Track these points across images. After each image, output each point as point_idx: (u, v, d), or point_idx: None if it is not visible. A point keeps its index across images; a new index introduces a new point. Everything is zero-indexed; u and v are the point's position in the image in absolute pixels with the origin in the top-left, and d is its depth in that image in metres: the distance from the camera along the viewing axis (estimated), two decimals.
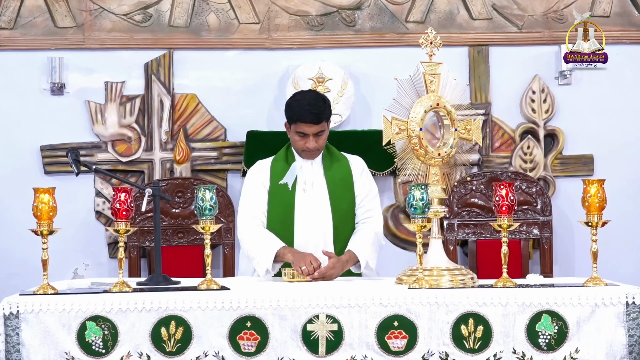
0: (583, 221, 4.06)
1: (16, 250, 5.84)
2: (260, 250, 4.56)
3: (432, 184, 4.26)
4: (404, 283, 4.14)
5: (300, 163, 4.72)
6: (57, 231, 4.01)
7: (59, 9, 6.00)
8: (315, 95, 4.72)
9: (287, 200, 4.67)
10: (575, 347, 3.88)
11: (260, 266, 4.55)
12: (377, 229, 4.70)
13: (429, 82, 4.29)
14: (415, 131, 4.22)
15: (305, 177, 4.71)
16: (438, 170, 4.29)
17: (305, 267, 4.38)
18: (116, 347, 3.87)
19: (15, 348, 3.83)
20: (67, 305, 3.86)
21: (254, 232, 4.64)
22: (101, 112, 6.01)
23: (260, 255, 4.55)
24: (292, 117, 4.65)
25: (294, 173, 4.69)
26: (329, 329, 3.89)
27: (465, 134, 4.36)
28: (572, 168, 6.11)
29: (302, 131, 4.62)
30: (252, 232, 4.64)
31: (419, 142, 4.23)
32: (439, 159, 4.28)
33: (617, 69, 6.06)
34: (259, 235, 4.62)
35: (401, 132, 4.24)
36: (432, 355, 3.88)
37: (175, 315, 3.88)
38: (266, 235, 4.62)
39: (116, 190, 4.06)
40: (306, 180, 4.71)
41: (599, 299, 3.89)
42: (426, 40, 4.38)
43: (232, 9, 6.06)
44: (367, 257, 4.59)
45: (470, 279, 4.11)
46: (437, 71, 4.32)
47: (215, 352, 3.87)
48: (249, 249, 4.63)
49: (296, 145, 4.69)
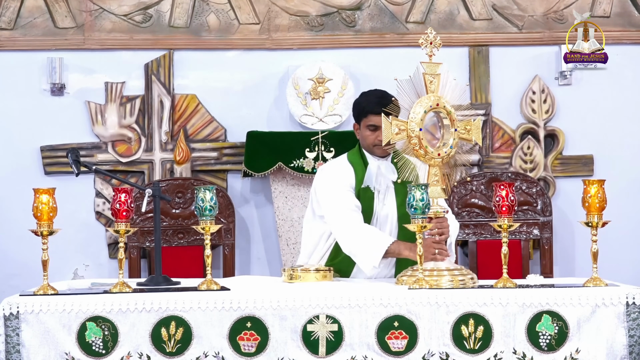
0: (583, 221, 4.06)
1: (16, 250, 5.84)
2: (366, 246, 4.38)
3: (432, 184, 4.25)
4: (404, 283, 4.13)
5: (376, 164, 4.62)
6: (57, 232, 4.01)
7: (59, 10, 6.00)
8: (383, 90, 4.66)
9: (369, 202, 4.58)
10: (576, 348, 3.88)
11: (366, 262, 4.37)
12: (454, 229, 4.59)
13: (429, 83, 4.29)
14: (415, 131, 4.22)
15: (381, 180, 4.62)
16: (438, 170, 4.28)
17: (438, 251, 4.22)
18: (116, 347, 3.87)
19: (16, 348, 3.83)
20: (67, 306, 3.86)
21: (358, 225, 4.46)
22: (101, 112, 6.01)
23: (366, 251, 4.38)
24: (361, 111, 4.54)
25: (373, 175, 4.58)
26: (329, 329, 3.89)
27: (465, 134, 4.35)
28: (572, 168, 6.11)
29: (373, 124, 4.50)
30: (355, 225, 4.45)
31: (419, 142, 4.22)
32: (438, 159, 4.27)
33: (617, 69, 6.06)
34: (364, 229, 4.45)
35: (401, 132, 4.23)
36: (433, 355, 3.88)
37: (175, 315, 3.88)
38: (374, 231, 4.46)
39: (116, 191, 4.06)
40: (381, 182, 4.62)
41: (599, 299, 3.89)
42: (426, 40, 4.38)
43: (232, 9, 6.07)
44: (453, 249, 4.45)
45: (470, 279, 4.11)
46: (436, 71, 4.31)
47: (216, 353, 3.87)
48: (355, 244, 4.43)
49: (367, 140, 4.57)
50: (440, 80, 4.30)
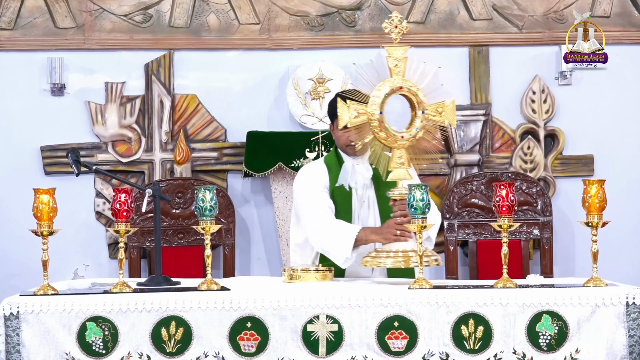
0: (583, 221, 4.06)
1: (16, 250, 5.84)
2: (335, 239, 4.41)
3: (397, 166, 4.25)
4: (369, 265, 4.19)
5: (351, 163, 4.66)
6: (57, 232, 4.01)
7: (59, 10, 6.00)
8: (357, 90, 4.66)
9: (346, 202, 4.59)
10: (576, 348, 3.88)
11: (338, 256, 4.39)
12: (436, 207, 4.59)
13: (394, 66, 4.28)
14: (375, 114, 4.22)
15: (357, 178, 4.63)
16: (403, 152, 4.27)
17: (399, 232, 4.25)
18: (116, 347, 3.87)
19: (16, 349, 3.83)
20: (67, 306, 3.86)
21: (326, 222, 4.49)
22: (101, 112, 6.01)
23: (336, 244, 4.40)
24: (334, 111, 4.59)
25: (347, 173, 4.62)
26: (329, 329, 3.89)
27: (436, 116, 4.33)
28: (573, 168, 6.11)
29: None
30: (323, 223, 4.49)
31: (379, 125, 4.22)
32: (403, 141, 4.26)
33: (617, 69, 6.06)
34: (331, 224, 4.48)
35: (360, 115, 4.24)
36: (433, 355, 3.88)
37: (175, 315, 3.88)
38: (341, 223, 4.47)
39: (116, 191, 4.07)
40: (357, 180, 4.63)
41: (599, 300, 3.89)
42: (390, 24, 4.37)
43: (233, 9, 6.07)
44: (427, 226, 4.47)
45: (434, 260, 4.15)
46: (402, 55, 4.30)
47: (216, 353, 3.88)
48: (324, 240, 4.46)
49: (340, 141, 4.60)
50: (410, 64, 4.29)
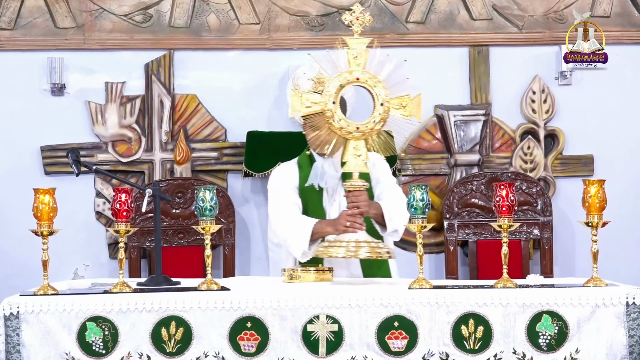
0: (583, 221, 4.06)
1: (16, 250, 5.84)
2: (295, 232, 4.46)
3: (352, 157, 4.26)
4: (321, 255, 4.20)
5: (321, 163, 4.67)
6: (57, 232, 4.01)
7: (59, 10, 6.00)
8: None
9: (316, 201, 4.61)
10: (576, 348, 3.88)
11: (297, 249, 4.45)
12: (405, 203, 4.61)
13: (353, 58, 4.29)
14: (329, 105, 4.23)
15: (326, 178, 4.65)
16: (359, 144, 4.27)
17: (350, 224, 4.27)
18: (116, 347, 3.87)
19: (16, 349, 3.83)
20: (67, 306, 3.86)
21: (286, 218, 4.55)
22: (101, 112, 6.01)
23: (296, 238, 4.45)
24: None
25: (317, 173, 4.64)
26: (329, 329, 3.89)
27: (399, 109, 4.33)
28: (573, 168, 6.11)
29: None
30: (284, 220, 4.55)
31: (332, 116, 4.23)
32: (358, 133, 4.27)
33: (618, 69, 6.06)
34: (291, 219, 4.53)
35: (313, 106, 4.25)
36: (433, 355, 3.88)
37: (175, 315, 3.88)
38: (299, 218, 4.52)
39: (116, 191, 4.07)
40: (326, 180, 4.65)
41: (599, 300, 3.89)
42: (350, 15, 4.37)
43: (233, 9, 6.07)
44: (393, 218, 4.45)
45: (386, 252, 4.17)
46: (363, 47, 4.30)
47: (216, 353, 3.88)
48: (284, 235, 4.53)
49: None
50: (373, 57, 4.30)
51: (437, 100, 6.06)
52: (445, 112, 6.04)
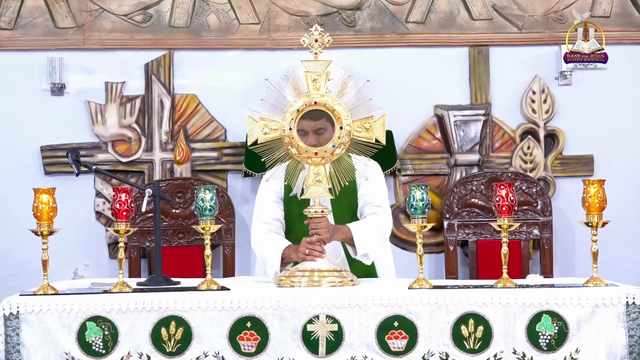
0: (583, 221, 4.06)
1: (16, 250, 5.84)
2: (267, 255, 4.49)
3: (313, 183, 4.22)
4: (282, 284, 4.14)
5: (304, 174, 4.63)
6: (57, 231, 4.01)
7: (59, 10, 6.00)
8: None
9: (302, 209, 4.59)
10: (576, 348, 3.88)
11: (270, 271, 4.46)
12: (383, 222, 4.56)
13: (312, 81, 4.24)
14: (286, 131, 4.21)
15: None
16: (321, 170, 4.23)
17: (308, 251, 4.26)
18: (116, 347, 3.87)
19: (16, 348, 3.83)
20: (67, 306, 3.86)
21: (262, 238, 4.58)
22: (101, 112, 6.01)
23: (268, 260, 4.47)
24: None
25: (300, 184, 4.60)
26: (329, 329, 3.89)
27: (362, 132, 4.27)
28: (572, 168, 6.11)
29: (301, 128, 4.54)
30: (260, 239, 4.58)
31: (291, 141, 4.21)
32: (316, 158, 4.22)
33: (617, 69, 6.06)
34: (266, 240, 4.56)
35: (272, 132, 4.22)
36: (433, 355, 3.88)
37: (175, 315, 3.88)
38: (272, 239, 4.55)
39: (116, 191, 4.07)
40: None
41: (599, 300, 3.89)
42: (309, 37, 4.32)
43: (233, 9, 6.07)
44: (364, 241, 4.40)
45: (350, 281, 4.14)
46: (323, 70, 4.25)
47: (216, 353, 3.88)
48: (260, 256, 4.60)
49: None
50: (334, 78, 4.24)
51: (437, 100, 6.06)
52: (445, 112, 6.04)
